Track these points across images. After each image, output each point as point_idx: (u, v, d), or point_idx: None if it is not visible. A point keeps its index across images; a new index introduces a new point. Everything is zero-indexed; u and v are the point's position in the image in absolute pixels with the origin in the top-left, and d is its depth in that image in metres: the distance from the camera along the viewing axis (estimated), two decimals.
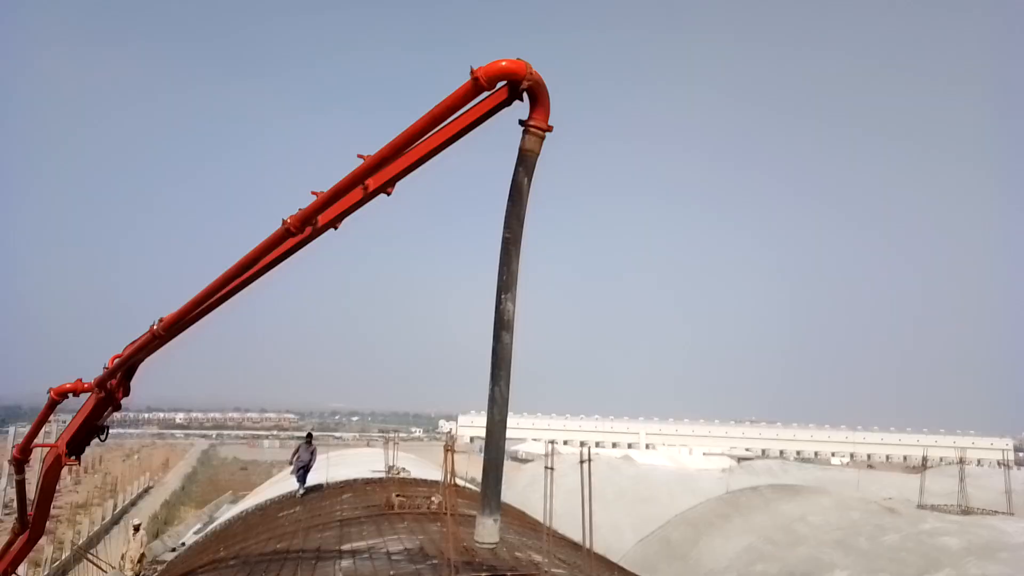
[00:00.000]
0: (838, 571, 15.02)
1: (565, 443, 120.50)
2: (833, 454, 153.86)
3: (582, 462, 6.64)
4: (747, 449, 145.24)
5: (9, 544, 14.39)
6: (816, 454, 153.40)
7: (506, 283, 5.94)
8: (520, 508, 20.31)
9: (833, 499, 20.09)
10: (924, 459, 30.70)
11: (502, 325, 5.88)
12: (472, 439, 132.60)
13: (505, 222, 6.00)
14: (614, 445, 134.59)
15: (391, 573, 9.19)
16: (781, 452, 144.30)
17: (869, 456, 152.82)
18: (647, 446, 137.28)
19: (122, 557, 19.28)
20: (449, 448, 8.43)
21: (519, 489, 29.55)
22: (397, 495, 15.26)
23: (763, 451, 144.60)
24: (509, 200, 6.00)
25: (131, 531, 18.59)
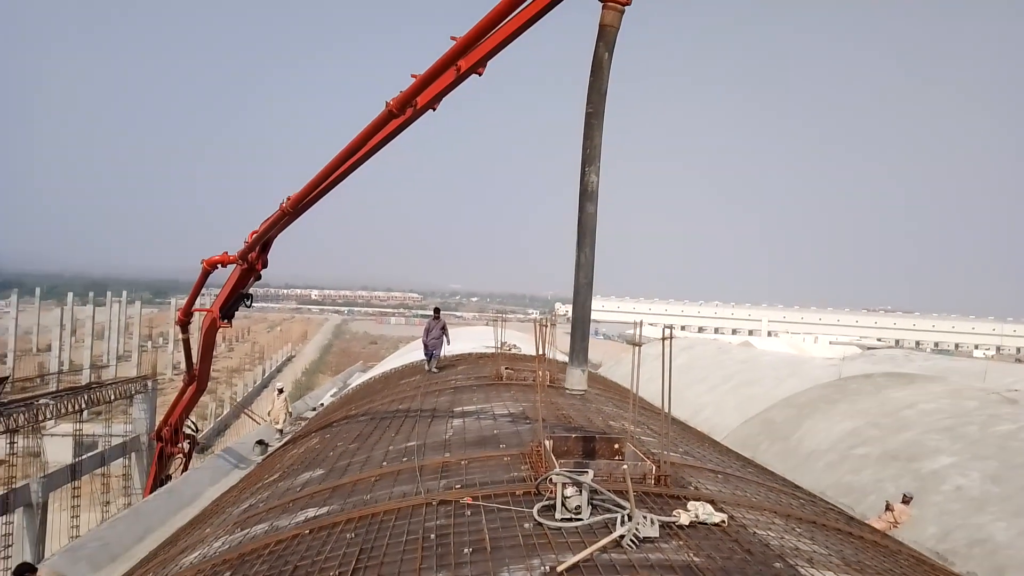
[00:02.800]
0: (942, 456, 14.92)
1: (683, 328, 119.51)
2: (976, 347, 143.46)
3: (664, 339, 7.05)
4: (879, 339, 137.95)
5: (181, 394, 16.99)
6: (957, 346, 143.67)
7: (589, 156, 6.25)
8: (625, 386, 21.16)
9: (948, 388, 19.49)
10: None
11: (586, 196, 6.26)
12: None
13: (587, 97, 6.21)
14: (734, 332, 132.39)
15: (494, 431, 10.24)
16: (917, 343, 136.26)
17: (1020, 350, 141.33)
18: (769, 334, 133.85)
19: (268, 414, 21.99)
20: (543, 324, 9.11)
21: (627, 371, 30.52)
22: (506, 368, 16.38)
23: (896, 342, 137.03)
24: (591, 75, 6.17)
25: (276, 394, 20.97)
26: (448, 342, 18.50)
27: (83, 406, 34.71)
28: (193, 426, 18.81)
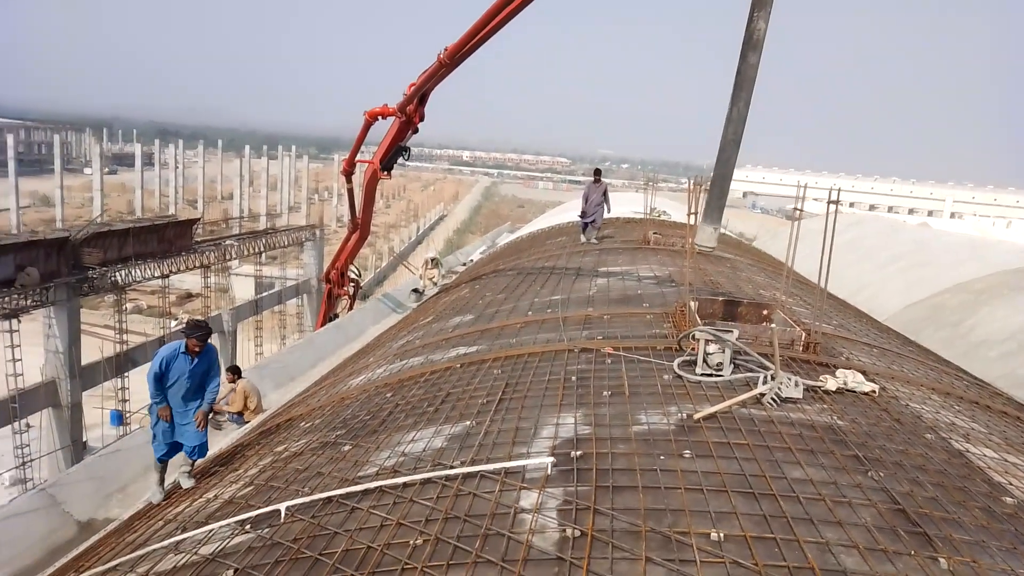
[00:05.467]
0: None
1: (851, 205, 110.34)
2: None
3: (828, 202, 6.58)
4: None
5: (345, 241, 18.36)
6: None
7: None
8: (780, 259, 20.24)
9: None
10: None
11: (750, 44, 5.77)
12: (744, 194, 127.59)
13: None
14: (910, 212, 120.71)
15: (638, 291, 10.30)
16: None
17: None
18: (952, 215, 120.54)
19: (420, 277, 22.16)
20: (696, 186, 8.73)
21: (783, 246, 29.04)
22: (654, 232, 16.12)
23: None
24: None
25: (428, 262, 20.21)
26: (609, 209, 16.72)
27: (261, 249, 38.62)
28: (357, 272, 20.39)
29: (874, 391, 5.68)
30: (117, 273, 25.22)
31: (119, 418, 26.52)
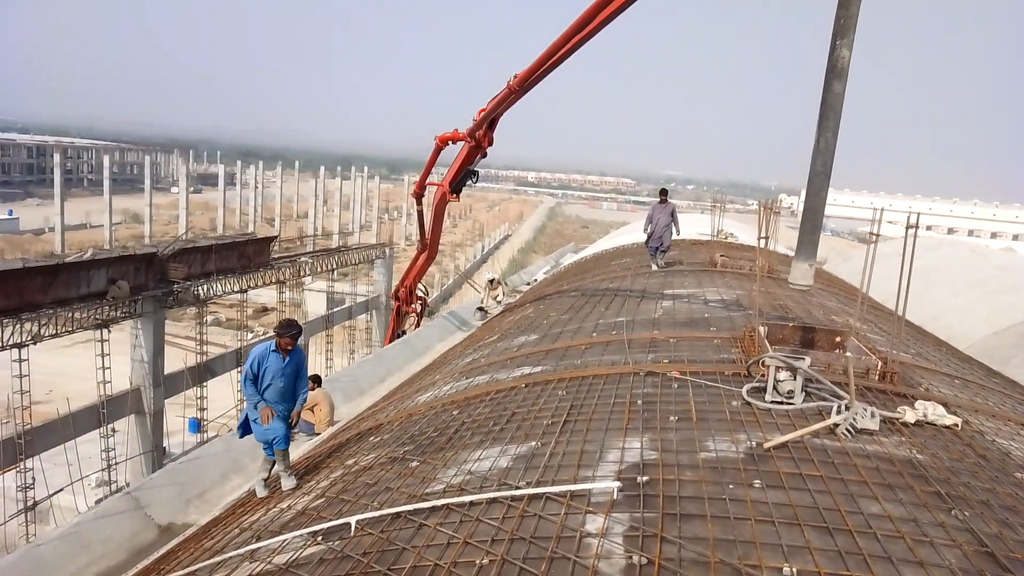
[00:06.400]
0: None
1: (928, 228, 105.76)
2: None
3: (907, 226, 6.37)
4: None
5: (414, 260, 18.76)
6: None
7: (843, 27, 5.60)
8: (853, 284, 19.57)
9: None
10: None
11: (834, 73, 5.67)
12: None
13: None
14: (993, 236, 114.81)
15: (705, 315, 10.15)
16: None
17: None
18: None
19: (482, 299, 22.02)
20: (766, 207, 8.57)
21: (856, 268, 28.03)
22: (721, 255, 15.86)
23: None
24: None
25: (488, 283, 20.26)
26: (678, 231, 15.68)
27: (334, 266, 39.77)
28: (424, 290, 20.77)
29: (956, 424, 5.44)
30: (200, 287, 26.43)
31: (197, 426, 27.67)
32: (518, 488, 4.48)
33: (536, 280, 27.43)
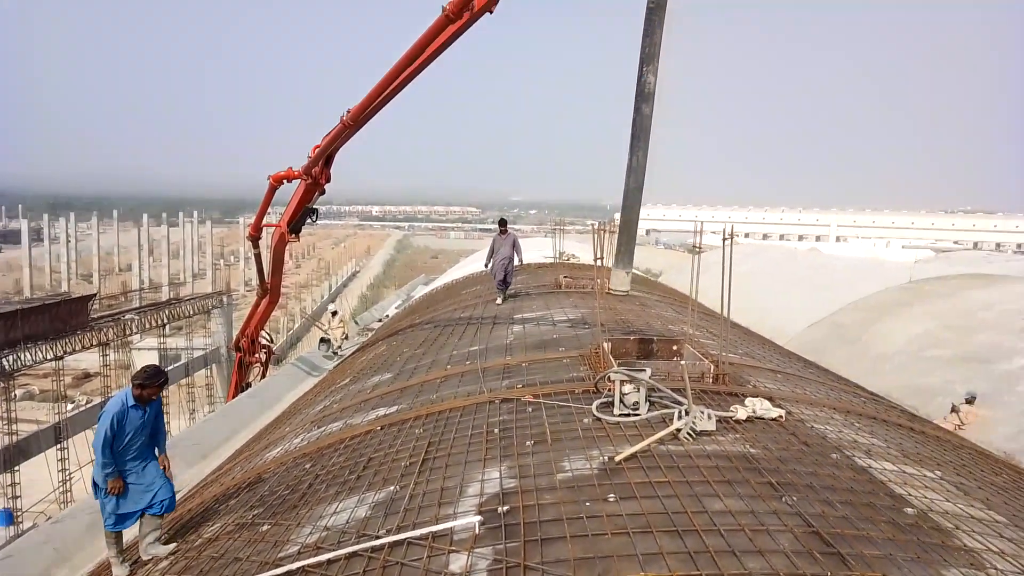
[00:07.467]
0: (1020, 358, 14.48)
1: (746, 236, 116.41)
2: None
3: (724, 238, 6.96)
4: (955, 242, 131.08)
5: (255, 307, 17.81)
6: None
7: (648, 55, 6.04)
8: (686, 293, 21.01)
9: None
10: None
11: (642, 97, 6.09)
12: (648, 231, 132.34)
13: None
14: (800, 238, 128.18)
15: (554, 335, 10.45)
16: (997, 245, 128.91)
17: None
18: (837, 239, 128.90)
19: (326, 332, 21.68)
20: (601, 229, 9.05)
21: (689, 279, 30.18)
22: (564, 276, 16.47)
23: (975, 244, 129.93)
24: None
25: (330, 316, 20.42)
26: (520, 261, 14.83)
27: (165, 321, 36.92)
28: (268, 337, 19.76)
29: (781, 416, 5.95)
30: (5, 359, 23.48)
31: (10, 517, 24.30)
32: (378, 537, 4.32)
33: (388, 316, 27.01)
